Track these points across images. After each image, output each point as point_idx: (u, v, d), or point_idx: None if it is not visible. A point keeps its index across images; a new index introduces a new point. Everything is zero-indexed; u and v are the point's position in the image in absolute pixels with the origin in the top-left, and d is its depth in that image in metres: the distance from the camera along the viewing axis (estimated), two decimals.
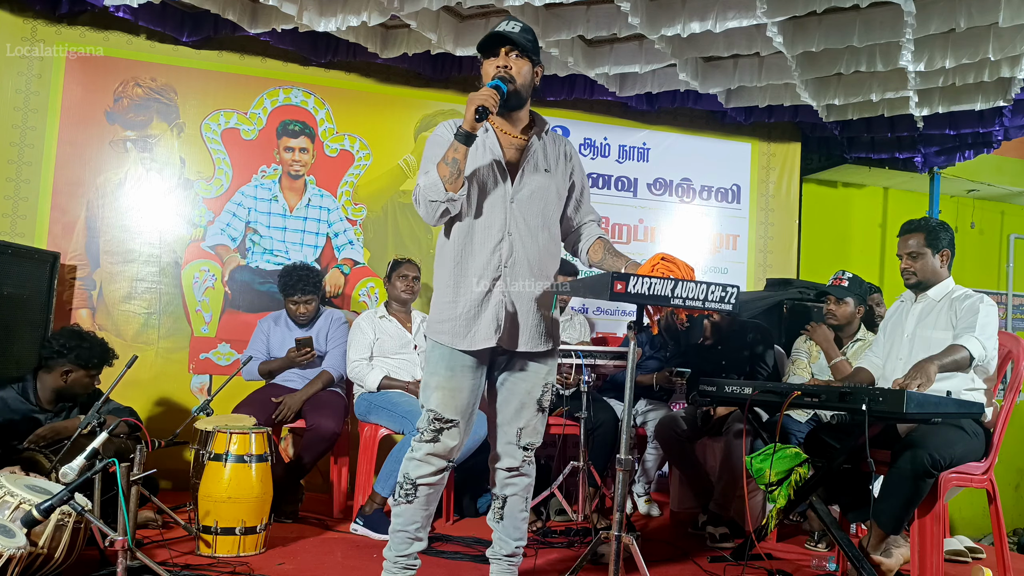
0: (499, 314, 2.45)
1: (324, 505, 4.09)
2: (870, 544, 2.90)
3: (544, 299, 2.54)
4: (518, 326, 2.49)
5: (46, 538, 2.51)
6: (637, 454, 4.52)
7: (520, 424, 2.56)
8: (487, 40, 2.45)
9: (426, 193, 2.38)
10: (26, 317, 4.12)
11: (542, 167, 2.55)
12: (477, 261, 2.46)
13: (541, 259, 2.53)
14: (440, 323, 2.48)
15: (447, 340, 2.46)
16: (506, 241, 2.47)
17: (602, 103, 5.36)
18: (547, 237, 2.56)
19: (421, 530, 2.55)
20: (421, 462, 2.48)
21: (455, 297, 2.47)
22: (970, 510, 6.03)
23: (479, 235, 2.47)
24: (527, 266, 2.49)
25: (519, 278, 2.49)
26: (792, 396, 2.87)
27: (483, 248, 2.46)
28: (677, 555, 3.49)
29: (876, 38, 3.96)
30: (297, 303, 4.09)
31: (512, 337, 2.48)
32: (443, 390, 2.45)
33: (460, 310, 2.45)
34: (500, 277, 2.46)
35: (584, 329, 4.47)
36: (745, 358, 4.10)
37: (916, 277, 3.18)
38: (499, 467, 2.61)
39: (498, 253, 2.46)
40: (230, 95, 4.86)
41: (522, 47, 2.44)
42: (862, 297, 3.92)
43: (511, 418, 2.56)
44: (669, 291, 2.34)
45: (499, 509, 2.62)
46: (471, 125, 2.32)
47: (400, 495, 2.51)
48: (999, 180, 6.81)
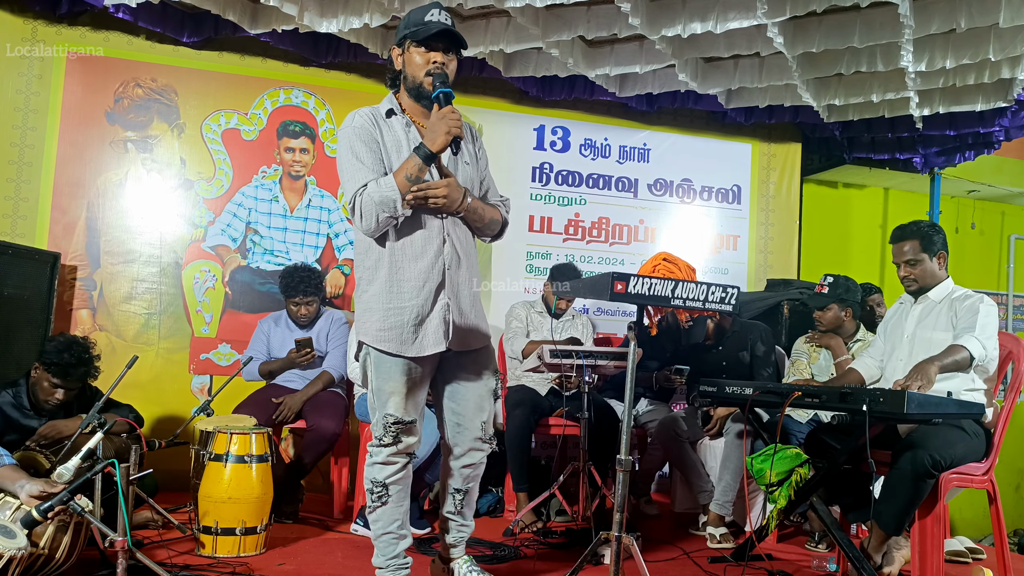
0: (446, 317, 2.44)
1: (324, 505, 4.09)
2: (871, 545, 2.90)
3: (476, 293, 2.55)
4: (464, 326, 2.49)
5: (47, 539, 2.51)
6: (638, 455, 4.52)
7: (483, 417, 2.58)
8: (431, 34, 2.37)
9: (379, 208, 2.29)
10: (27, 318, 4.13)
11: (463, 159, 2.53)
12: (418, 266, 2.41)
13: (474, 253, 2.55)
14: (384, 331, 2.40)
15: (395, 348, 2.40)
16: (447, 244, 2.44)
17: (602, 103, 5.36)
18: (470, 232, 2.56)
19: (403, 527, 2.55)
20: (384, 464, 2.48)
21: (397, 303, 2.40)
22: (970, 511, 6.03)
23: (419, 238, 2.41)
24: (466, 265, 2.51)
25: (460, 279, 2.49)
26: (792, 396, 2.87)
27: (425, 253, 2.41)
28: (678, 556, 3.49)
29: (876, 38, 3.96)
30: (298, 304, 4.09)
31: (460, 338, 2.48)
32: (399, 395, 2.42)
33: (406, 317, 2.40)
34: (444, 280, 2.44)
35: (588, 331, 4.47)
36: (745, 359, 4.09)
37: (917, 283, 3.18)
38: (464, 462, 2.60)
39: (441, 258, 2.43)
40: (230, 95, 4.87)
41: (458, 44, 2.43)
42: (847, 299, 3.91)
43: (474, 413, 2.56)
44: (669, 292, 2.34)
45: (460, 501, 2.63)
46: (440, 150, 2.30)
47: (374, 500, 2.50)
48: (999, 181, 6.81)
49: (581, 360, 3.54)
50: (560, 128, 5.46)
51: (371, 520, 2.54)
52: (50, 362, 3.23)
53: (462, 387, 2.56)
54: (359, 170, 2.35)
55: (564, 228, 5.42)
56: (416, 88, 2.43)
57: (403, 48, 2.44)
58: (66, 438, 3.14)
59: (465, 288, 2.50)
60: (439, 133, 2.28)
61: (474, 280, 2.54)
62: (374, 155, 2.39)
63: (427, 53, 2.39)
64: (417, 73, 2.40)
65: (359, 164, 2.36)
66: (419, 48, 2.39)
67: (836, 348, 3.91)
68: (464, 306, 2.49)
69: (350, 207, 2.35)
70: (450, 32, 2.38)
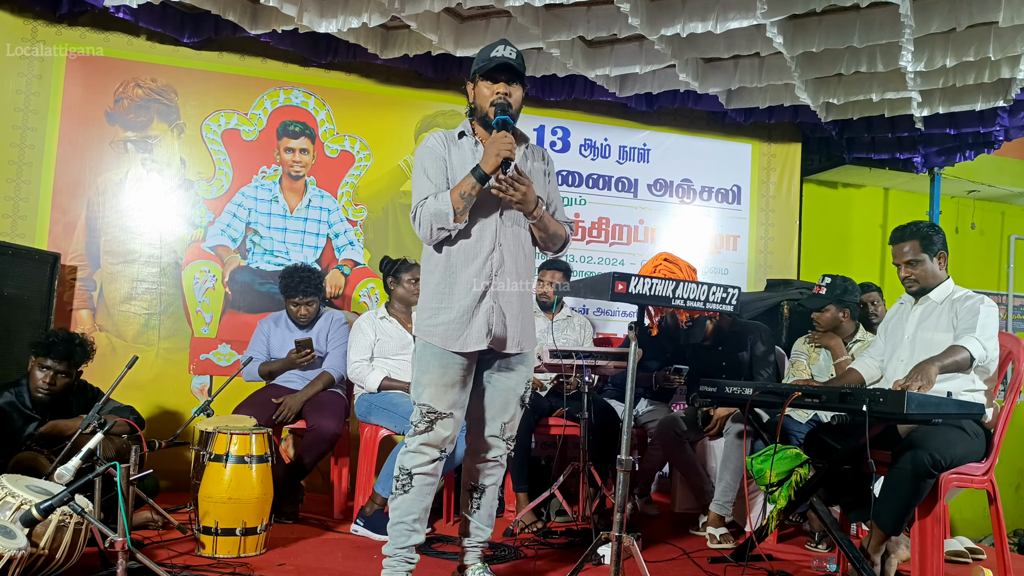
0: (489, 319, 2.61)
1: (324, 506, 4.09)
2: (870, 545, 2.90)
3: (527, 302, 2.73)
4: (506, 330, 2.65)
5: (47, 539, 2.51)
6: (638, 455, 4.52)
7: (505, 419, 2.73)
8: (492, 68, 2.60)
9: (434, 220, 2.53)
10: (27, 318, 4.13)
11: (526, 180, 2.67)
12: (469, 270, 2.61)
13: (526, 266, 2.72)
14: (433, 326, 2.61)
15: (439, 342, 2.59)
16: (496, 252, 2.63)
17: (602, 104, 5.36)
18: (530, 244, 2.75)
19: (419, 523, 2.64)
20: (415, 453, 2.60)
21: (448, 303, 2.61)
22: (970, 511, 6.03)
23: (472, 246, 2.62)
24: (515, 274, 2.67)
25: (507, 285, 2.65)
26: (792, 397, 2.87)
27: (475, 258, 2.61)
28: (678, 556, 3.49)
29: (876, 38, 3.96)
30: (298, 305, 4.09)
31: (500, 340, 2.64)
32: (435, 386, 2.59)
33: (453, 315, 2.60)
34: (490, 285, 2.62)
35: (585, 330, 4.47)
36: (745, 359, 4.09)
37: (918, 284, 3.17)
38: (482, 457, 2.76)
39: (489, 263, 2.62)
40: (230, 96, 4.87)
41: (520, 76, 2.63)
42: (845, 300, 3.91)
43: (497, 413, 2.72)
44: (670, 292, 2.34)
45: (478, 499, 2.79)
46: (492, 171, 2.49)
47: (396, 487, 2.63)
48: (999, 181, 6.81)
49: (581, 360, 3.54)
50: (560, 128, 5.46)
51: (391, 508, 2.66)
52: (37, 343, 3.35)
53: (492, 387, 2.72)
54: (424, 184, 2.61)
55: None
56: (483, 117, 2.66)
57: (474, 82, 2.68)
58: (67, 438, 3.14)
59: (512, 295, 2.66)
60: (491, 155, 2.49)
61: (524, 288, 2.71)
62: (439, 172, 2.63)
63: (492, 85, 2.62)
64: (483, 104, 2.64)
65: (425, 179, 2.62)
66: (485, 81, 2.63)
67: (836, 348, 3.91)
68: (509, 311, 2.65)
69: (412, 216, 2.61)
70: (509, 65, 2.59)
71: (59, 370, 3.36)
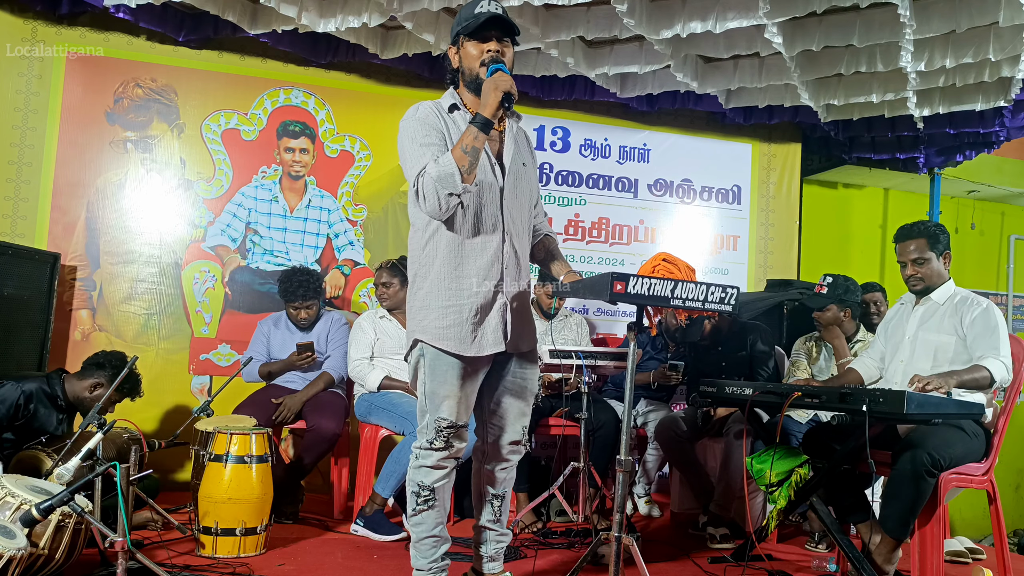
0: (504, 317, 2.42)
1: (324, 506, 4.09)
2: (879, 553, 2.86)
3: (527, 298, 2.54)
4: (518, 327, 2.47)
5: (47, 539, 2.51)
6: (637, 455, 4.52)
7: (524, 423, 2.57)
8: (482, 23, 2.33)
9: (439, 186, 2.20)
10: (26, 318, 4.13)
11: (520, 160, 2.52)
12: (478, 262, 2.38)
13: (526, 255, 2.55)
14: (443, 328, 2.37)
15: (454, 347, 2.36)
16: (507, 242, 2.42)
17: (602, 104, 5.36)
18: (527, 232, 2.56)
19: (443, 529, 2.52)
20: (433, 468, 2.43)
21: (456, 301, 2.37)
22: (970, 511, 6.03)
23: (480, 234, 2.38)
24: (521, 264, 2.50)
25: (515, 279, 2.46)
26: (792, 397, 2.87)
27: (485, 249, 2.38)
28: (677, 556, 3.49)
29: (876, 38, 3.96)
30: (298, 308, 4.09)
31: (515, 339, 2.46)
32: (453, 398, 2.39)
33: (465, 314, 2.37)
34: (502, 279, 2.42)
35: (583, 330, 4.47)
36: (745, 359, 4.09)
37: (923, 283, 3.15)
38: (502, 466, 2.59)
39: (501, 257, 2.41)
40: (230, 96, 4.86)
41: (513, 32, 2.39)
42: (846, 300, 3.91)
43: (517, 417, 2.55)
44: (669, 292, 2.33)
45: (498, 507, 2.61)
46: (493, 113, 2.22)
47: (420, 503, 2.44)
48: (999, 181, 6.81)
49: (581, 360, 3.53)
50: (560, 128, 5.45)
51: (413, 523, 2.48)
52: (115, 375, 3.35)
53: (507, 390, 2.54)
54: (421, 154, 2.29)
55: (564, 228, 5.42)
56: (474, 80, 2.37)
57: (458, 45, 2.42)
58: None
59: (520, 287, 2.48)
60: (489, 93, 2.22)
61: (527, 284, 2.52)
62: (438, 139, 2.33)
63: (481, 44, 2.36)
64: (473, 65, 2.36)
65: (421, 148, 2.30)
66: (472, 41, 2.36)
67: (839, 348, 3.91)
68: (518, 307, 2.47)
69: (412, 191, 2.29)
70: (500, 19, 2.34)
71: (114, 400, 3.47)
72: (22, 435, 3.25)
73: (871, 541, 2.93)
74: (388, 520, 3.59)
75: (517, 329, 2.47)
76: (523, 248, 2.52)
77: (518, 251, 2.47)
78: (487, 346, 2.39)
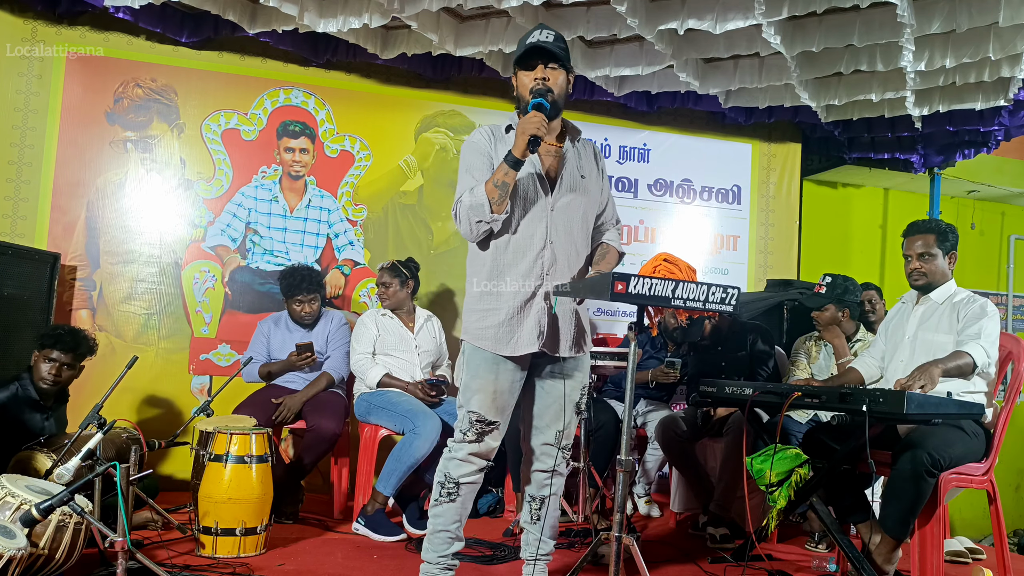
0: (541, 320, 2.51)
1: (324, 506, 4.09)
2: (879, 554, 2.87)
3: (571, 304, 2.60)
4: (559, 331, 2.54)
5: (47, 539, 2.51)
6: (637, 455, 4.52)
7: (560, 427, 2.62)
8: (524, 53, 2.49)
9: (471, 213, 2.42)
10: (26, 318, 4.12)
11: (578, 174, 2.61)
12: (518, 268, 2.51)
13: (579, 264, 2.61)
14: (481, 329, 2.52)
15: (490, 346, 2.50)
16: (548, 249, 2.52)
17: (602, 104, 5.36)
18: (583, 241, 2.64)
19: (460, 529, 2.58)
20: (463, 462, 2.52)
21: (496, 304, 2.51)
22: (970, 511, 6.03)
23: (521, 244, 2.51)
24: (567, 272, 2.56)
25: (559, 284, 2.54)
26: (792, 397, 2.87)
27: (525, 256, 2.51)
28: (678, 556, 3.49)
29: (876, 38, 3.96)
30: (301, 303, 4.09)
31: (553, 342, 2.54)
32: (485, 392, 2.50)
33: (502, 317, 2.50)
34: (541, 284, 2.51)
35: None
36: (745, 359, 4.09)
37: (926, 278, 3.15)
38: (535, 469, 2.66)
39: (540, 261, 2.51)
40: (230, 96, 4.86)
41: (558, 58, 2.49)
42: (845, 300, 3.91)
43: (551, 421, 2.61)
44: (670, 292, 2.33)
45: (536, 510, 2.68)
46: (523, 153, 2.37)
47: (443, 494, 2.53)
48: (999, 181, 6.81)
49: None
50: None
51: (432, 514, 2.56)
52: (44, 335, 3.43)
53: (545, 393, 2.61)
54: (464, 181, 2.52)
55: None
56: (525, 108, 2.50)
57: (515, 74, 2.57)
58: None
59: (565, 297, 2.53)
60: (518, 136, 2.38)
61: None
62: (482, 167, 2.51)
63: (529, 73, 2.50)
64: (524, 93, 2.51)
65: (467, 175, 2.52)
66: (523, 70, 2.52)
67: (839, 347, 3.91)
68: (561, 311, 2.54)
69: (453, 215, 2.52)
70: (543, 48, 2.46)
71: (64, 362, 3.41)
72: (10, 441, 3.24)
73: (871, 541, 2.93)
74: (389, 520, 3.60)
75: (558, 333, 2.54)
76: (571, 256, 2.58)
77: (563, 258, 2.55)
78: (522, 346, 2.49)
